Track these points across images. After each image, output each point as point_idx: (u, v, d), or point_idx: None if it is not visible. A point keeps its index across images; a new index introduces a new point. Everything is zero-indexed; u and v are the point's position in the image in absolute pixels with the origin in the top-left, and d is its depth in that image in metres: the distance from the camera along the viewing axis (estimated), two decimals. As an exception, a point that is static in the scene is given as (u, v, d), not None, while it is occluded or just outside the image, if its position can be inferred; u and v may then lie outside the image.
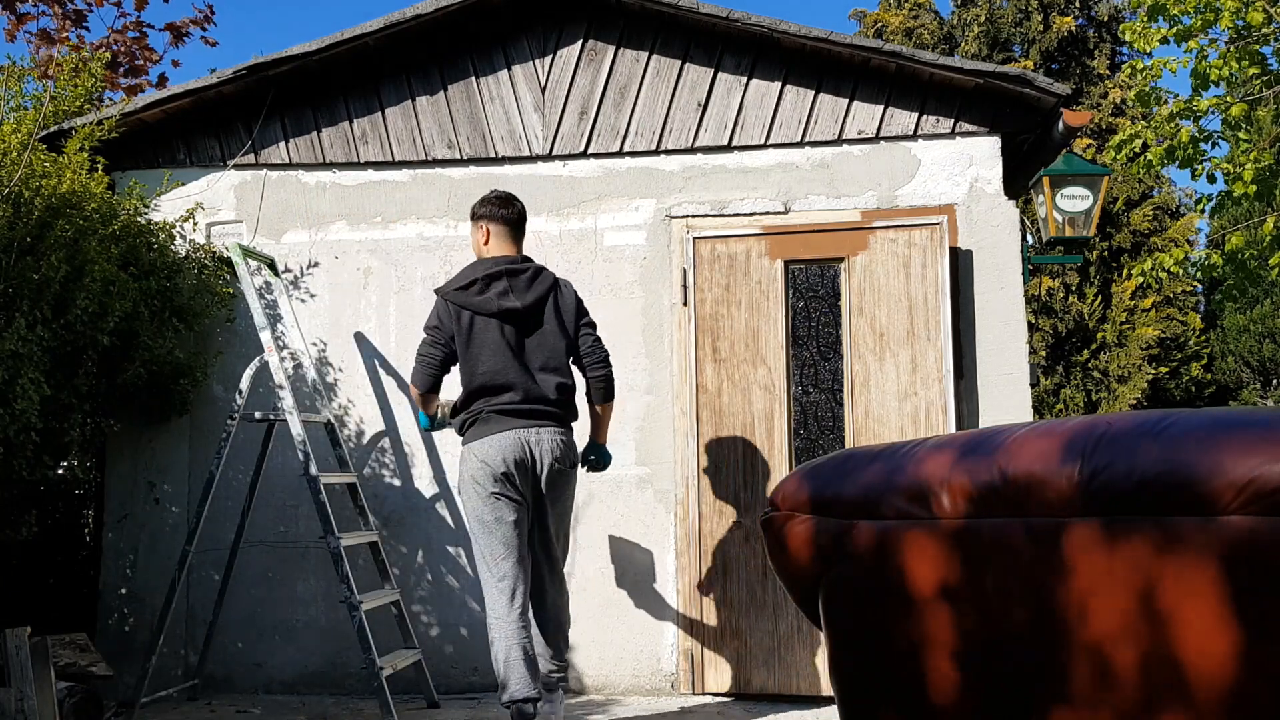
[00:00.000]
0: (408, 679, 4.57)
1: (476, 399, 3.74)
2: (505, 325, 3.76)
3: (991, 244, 4.69)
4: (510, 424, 3.70)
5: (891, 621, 1.99)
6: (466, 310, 3.76)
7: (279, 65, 4.93)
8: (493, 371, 3.72)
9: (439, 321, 3.79)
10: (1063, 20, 15.73)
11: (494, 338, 3.74)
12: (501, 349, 3.74)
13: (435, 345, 3.79)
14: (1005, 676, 1.85)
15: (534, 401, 3.74)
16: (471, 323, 3.75)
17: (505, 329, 3.76)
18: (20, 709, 3.48)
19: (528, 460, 3.70)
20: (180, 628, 4.84)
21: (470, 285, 3.78)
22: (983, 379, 4.63)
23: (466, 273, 3.84)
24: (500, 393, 3.72)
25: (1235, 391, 15.49)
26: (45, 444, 4.15)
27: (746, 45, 4.88)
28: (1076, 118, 4.63)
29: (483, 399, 3.73)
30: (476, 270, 3.82)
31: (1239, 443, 1.60)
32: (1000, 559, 1.84)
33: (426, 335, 3.82)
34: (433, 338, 3.79)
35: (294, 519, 4.89)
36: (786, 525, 2.15)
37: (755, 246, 4.76)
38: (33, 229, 4.00)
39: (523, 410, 3.72)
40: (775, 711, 4.39)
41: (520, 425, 3.71)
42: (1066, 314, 14.43)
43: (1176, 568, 1.63)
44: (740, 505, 4.65)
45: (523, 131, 5.01)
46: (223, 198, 5.12)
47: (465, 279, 3.81)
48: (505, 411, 3.71)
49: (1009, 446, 1.86)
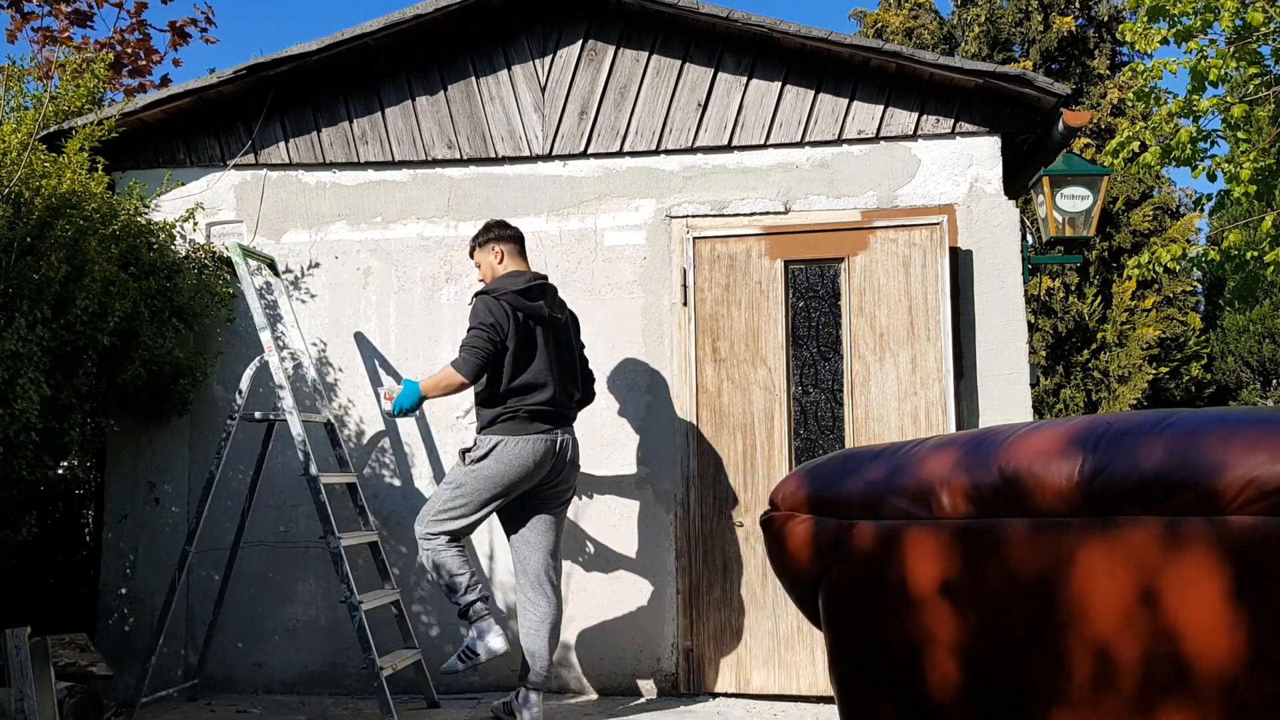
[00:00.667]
0: (408, 679, 4.57)
1: (516, 396, 4.01)
2: (548, 332, 4.09)
3: (991, 244, 4.69)
4: (543, 426, 4.03)
5: (892, 621, 1.99)
6: (520, 313, 4.02)
7: (279, 65, 4.93)
8: (536, 373, 4.03)
9: (496, 320, 3.97)
10: (1063, 20, 15.73)
11: (540, 343, 4.06)
12: (544, 354, 4.06)
13: (491, 342, 3.96)
14: (1006, 676, 1.85)
15: (562, 406, 4.11)
16: (523, 325, 4.02)
17: (548, 336, 4.08)
18: (20, 709, 3.48)
19: (552, 460, 4.04)
20: (180, 628, 4.84)
21: (524, 291, 4.05)
22: (983, 379, 4.63)
23: (511, 280, 4.09)
24: (538, 393, 4.02)
25: (1235, 391, 15.50)
26: (45, 444, 4.15)
27: (746, 45, 4.88)
28: (1076, 118, 4.63)
29: (521, 397, 4.01)
30: (519, 280, 4.09)
31: (1239, 442, 1.60)
32: (1001, 558, 1.84)
33: (483, 331, 3.96)
34: (490, 334, 3.97)
35: (294, 519, 4.89)
36: (786, 525, 2.15)
37: (755, 246, 4.76)
38: (33, 229, 4.00)
39: (554, 414, 4.07)
40: (775, 711, 4.39)
41: (550, 428, 4.05)
42: (1066, 314, 14.44)
43: (1177, 567, 1.63)
44: (740, 505, 4.65)
45: (523, 131, 5.01)
46: (223, 198, 5.12)
47: (517, 284, 4.06)
48: (541, 415, 4.02)
49: (1009, 446, 1.86)
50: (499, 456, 3.96)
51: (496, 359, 3.98)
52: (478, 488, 3.97)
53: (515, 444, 3.97)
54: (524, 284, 4.07)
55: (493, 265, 4.19)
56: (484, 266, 4.22)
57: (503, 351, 3.98)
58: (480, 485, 3.97)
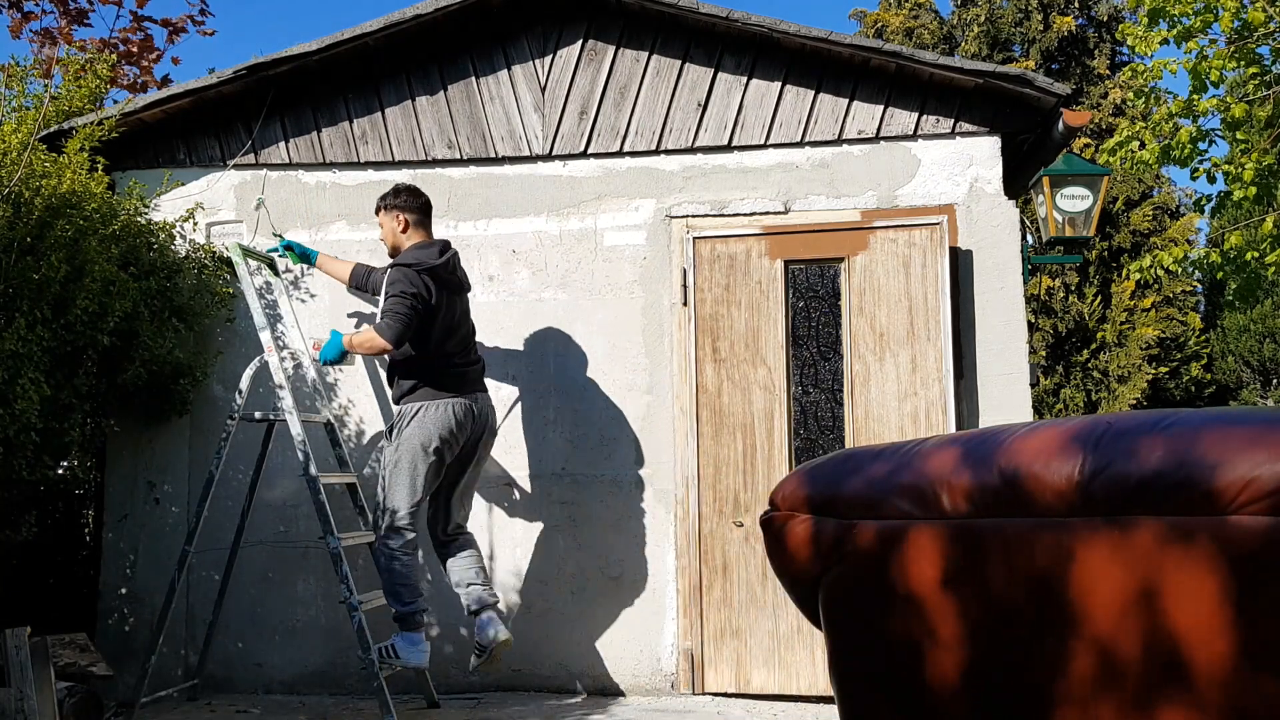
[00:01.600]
0: (408, 679, 4.57)
1: (434, 363, 4.21)
2: (456, 300, 4.30)
3: (991, 244, 4.69)
4: (461, 391, 4.22)
5: (892, 621, 1.99)
6: (439, 284, 4.20)
7: (279, 65, 4.93)
8: (450, 341, 4.25)
9: (419, 291, 4.14)
10: (1063, 20, 15.73)
11: (458, 310, 4.30)
12: (457, 322, 4.28)
13: (413, 310, 4.13)
14: (1006, 676, 1.85)
15: (475, 370, 4.36)
16: (443, 295, 4.21)
17: (456, 304, 4.30)
18: (20, 709, 3.48)
19: (472, 422, 4.23)
20: (180, 628, 4.84)
21: (441, 263, 4.23)
22: (983, 379, 4.63)
23: (426, 253, 4.26)
24: (454, 360, 4.25)
25: (1235, 391, 15.50)
26: (45, 444, 4.15)
27: (746, 45, 4.88)
28: (1076, 118, 4.63)
29: (439, 364, 4.21)
30: (433, 252, 4.27)
31: (1239, 442, 1.60)
32: (1001, 558, 1.84)
33: (406, 299, 4.12)
34: (413, 304, 4.13)
35: (294, 519, 4.89)
36: (786, 525, 2.15)
37: (755, 246, 4.76)
38: (33, 229, 4.00)
39: (469, 379, 4.30)
40: (775, 711, 4.39)
41: (471, 391, 4.27)
42: (1066, 314, 14.44)
43: (1178, 567, 1.63)
44: (740, 505, 4.65)
45: (523, 131, 5.01)
46: (223, 198, 5.12)
47: (433, 257, 4.24)
48: (457, 380, 4.24)
49: (1010, 446, 1.86)
50: (422, 421, 4.13)
51: (420, 328, 4.15)
52: (412, 459, 4.12)
53: (436, 408, 4.15)
54: (440, 258, 4.24)
55: (395, 231, 4.37)
56: (385, 229, 4.42)
57: (427, 322, 4.15)
58: (414, 456, 4.12)
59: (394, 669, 4.20)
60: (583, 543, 4.78)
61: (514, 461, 4.85)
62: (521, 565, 4.81)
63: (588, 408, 4.84)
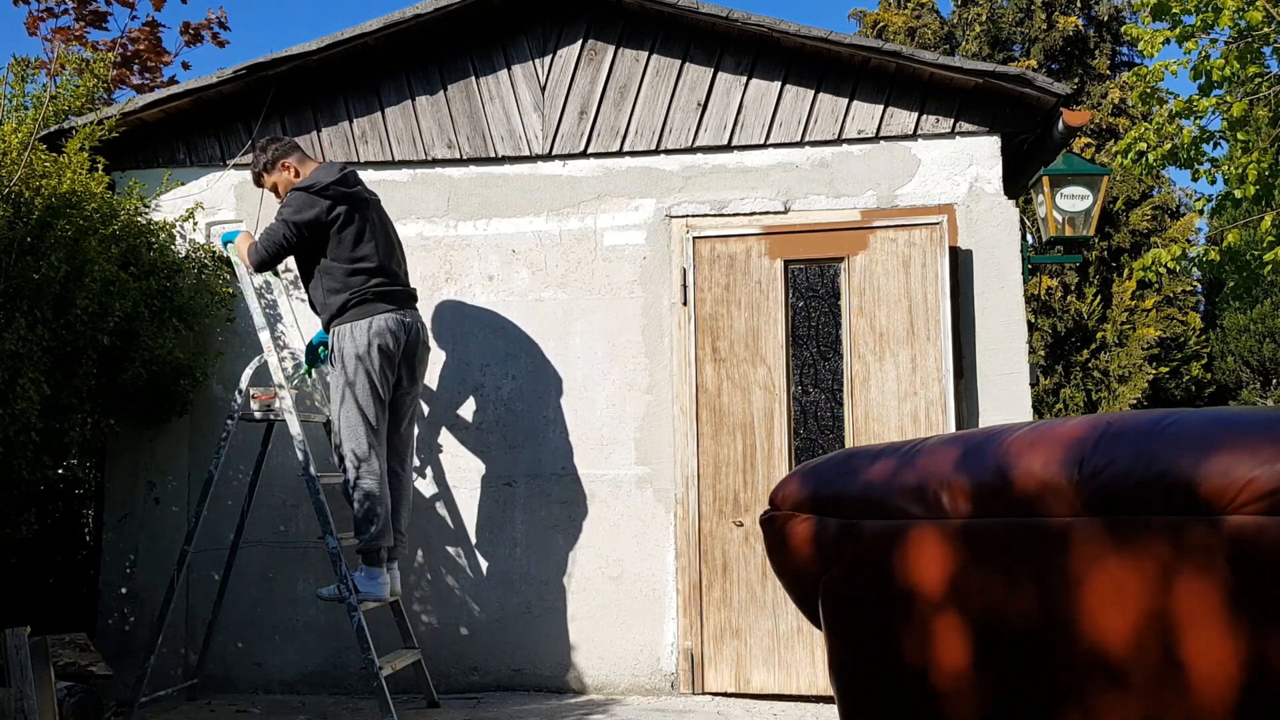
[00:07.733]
0: (407, 679, 4.57)
1: (357, 279, 4.14)
2: (369, 213, 4.24)
3: (991, 244, 4.69)
4: (389, 306, 4.17)
5: (892, 621, 1.99)
6: (340, 199, 4.15)
7: (279, 65, 4.93)
8: (371, 255, 4.18)
9: (309, 218, 4.12)
10: (1066, 20, 15.73)
11: (367, 226, 4.21)
12: (373, 235, 4.21)
13: (286, 240, 4.13)
14: (1006, 676, 1.85)
15: (402, 284, 4.30)
16: (348, 213, 4.15)
17: (370, 217, 4.23)
18: (20, 709, 3.48)
19: (405, 337, 4.19)
20: (180, 627, 4.84)
21: (341, 180, 4.17)
22: (983, 379, 4.63)
23: (325, 172, 4.20)
24: (378, 275, 4.18)
25: (1235, 391, 15.50)
26: (45, 444, 4.14)
27: (746, 45, 4.88)
28: (1076, 117, 4.63)
29: (363, 280, 4.15)
30: (333, 170, 4.21)
31: (1240, 442, 1.60)
32: (1001, 558, 1.84)
33: (288, 225, 4.12)
34: (294, 233, 4.12)
35: (294, 519, 4.89)
36: (786, 525, 2.15)
37: (755, 246, 4.76)
38: (33, 229, 4.00)
39: (398, 294, 4.24)
40: (775, 711, 4.39)
41: (397, 307, 4.20)
42: (1066, 314, 14.44)
43: (1178, 567, 1.63)
44: (740, 505, 4.65)
45: (522, 131, 5.01)
46: (223, 197, 5.12)
47: (332, 174, 4.18)
48: (385, 295, 4.17)
49: (1010, 446, 1.86)
50: (354, 339, 4.11)
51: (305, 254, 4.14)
52: (355, 379, 4.10)
53: (366, 324, 4.12)
54: (339, 172, 4.19)
55: (290, 181, 4.32)
56: (281, 185, 4.35)
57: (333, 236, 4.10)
58: (356, 377, 4.10)
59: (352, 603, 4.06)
60: (583, 543, 4.78)
61: (514, 461, 4.85)
62: (521, 565, 4.81)
63: (588, 408, 4.84)
